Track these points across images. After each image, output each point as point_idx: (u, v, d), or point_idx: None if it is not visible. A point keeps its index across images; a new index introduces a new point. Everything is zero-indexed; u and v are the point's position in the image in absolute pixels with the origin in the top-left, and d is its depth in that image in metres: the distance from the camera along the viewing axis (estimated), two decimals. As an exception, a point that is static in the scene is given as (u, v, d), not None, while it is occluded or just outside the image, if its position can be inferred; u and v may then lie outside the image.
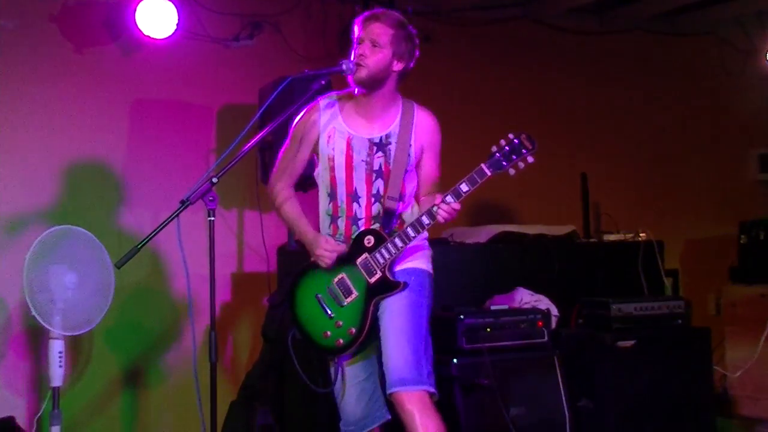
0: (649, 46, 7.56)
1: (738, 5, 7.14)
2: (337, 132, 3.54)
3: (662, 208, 7.23)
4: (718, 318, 6.90)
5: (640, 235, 5.99)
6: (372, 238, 3.42)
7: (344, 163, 3.52)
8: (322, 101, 3.61)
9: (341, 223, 3.54)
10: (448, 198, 3.24)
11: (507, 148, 3.27)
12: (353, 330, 3.42)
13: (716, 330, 5.84)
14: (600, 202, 6.76)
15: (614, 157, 7.22)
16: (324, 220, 3.61)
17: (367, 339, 3.46)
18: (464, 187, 3.26)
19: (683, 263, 7.01)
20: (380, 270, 3.38)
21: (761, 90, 7.77)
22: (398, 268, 3.49)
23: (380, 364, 3.45)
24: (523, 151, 3.26)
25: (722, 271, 7.03)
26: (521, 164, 3.29)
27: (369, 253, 3.40)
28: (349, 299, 3.45)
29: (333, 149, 3.54)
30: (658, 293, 5.73)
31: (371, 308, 3.40)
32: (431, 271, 3.62)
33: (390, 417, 3.57)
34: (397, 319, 3.38)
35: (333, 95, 3.62)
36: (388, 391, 3.35)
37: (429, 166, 3.61)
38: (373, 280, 3.39)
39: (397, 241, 3.36)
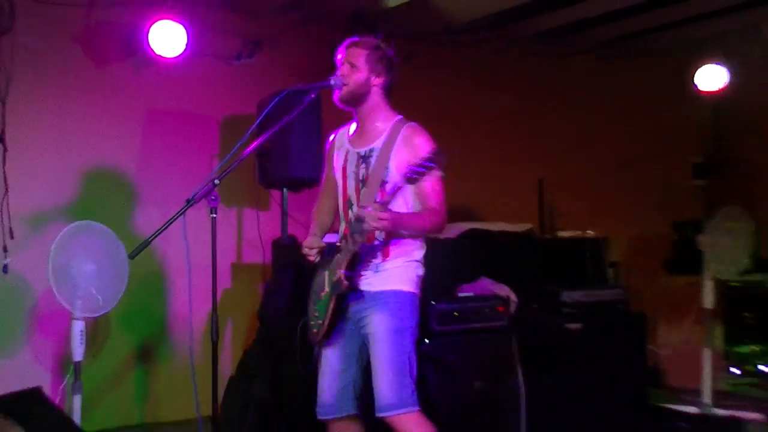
0: (602, 67, 7.64)
1: (676, 33, 7.22)
2: (342, 147, 3.57)
3: (608, 209, 7.30)
4: (653, 304, 6.94)
5: (588, 232, 6.03)
6: (343, 242, 3.39)
7: (342, 174, 3.52)
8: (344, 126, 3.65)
9: (341, 226, 3.54)
10: (375, 206, 3.16)
11: (417, 161, 3.06)
12: (321, 322, 3.40)
13: (651, 314, 5.94)
14: (555, 204, 6.80)
15: (568, 164, 7.28)
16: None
17: (332, 332, 3.41)
18: (379, 198, 3.23)
19: (625, 257, 7.05)
20: (339, 270, 3.33)
21: (695, 107, 7.85)
22: (379, 288, 3.35)
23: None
24: (427, 164, 3.01)
25: (658, 264, 7.11)
26: (428, 178, 3.12)
27: (338, 255, 3.37)
28: (322, 294, 3.43)
29: (336, 162, 3.57)
30: (603, 283, 5.75)
31: (332, 304, 3.35)
32: (413, 290, 3.42)
33: (355, 412, 3.49)
34: (381, 345, 3.31)
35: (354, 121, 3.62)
36: (378, 414, 3.31)
37: (421, 184, 3.29)
38: (335, 279, 3.35)
39: (350, 245, 3.29)
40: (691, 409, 5.51)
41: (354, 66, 3.40)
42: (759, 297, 6.83)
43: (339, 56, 3.48)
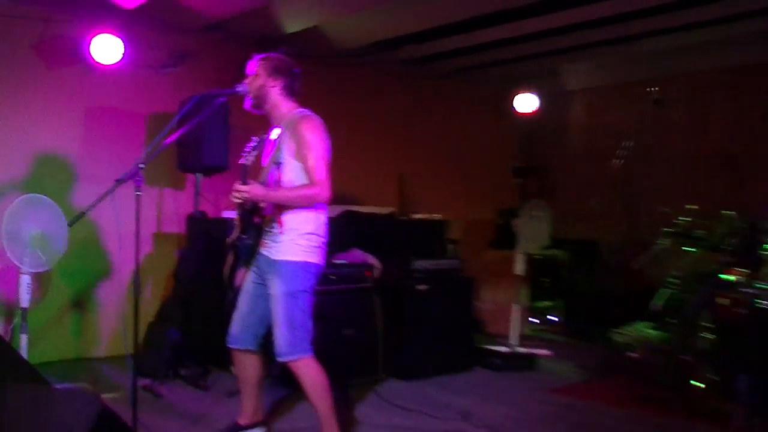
0: (451, 90, 7.65)
1: (503, 69, 7.39)
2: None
3: (450, 198, 7.33)
4: (479, 271, 7.08)
5: (435, 215, 6.10)
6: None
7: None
8: None
9: None
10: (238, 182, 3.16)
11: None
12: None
13: (477, 279, 5.98)
14: (411, 192, 6.85)
15: (422, 163, 7.28)
16: None
17: (232, 279, 3.37)
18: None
19: (461, 235, 7.15)
20: (236, 232, 3.33)
21: (515, 125, 8.05)
22: (276, 258, 3.23)
23: None
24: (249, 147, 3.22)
25: (484, 241, 7.30)
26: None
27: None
28: None
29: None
30: (444, 254, 5.85)
31: (230, 257, 3.35)
32: (305, 259, 3.24)
33: (254, 348, 3.41)
34: (277, 305, 3.21)
35: None
36: (277, 359, 3.24)
37: (303, 161, 3.19)
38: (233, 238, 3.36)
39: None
40: (503, 349, 5.63)
41: (256, 75, 3.30)
42: (553, 266, 7.09)
43: (248, 70, 3.36)
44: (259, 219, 3.28)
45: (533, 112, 7.61)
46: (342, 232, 5.36)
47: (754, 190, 6.34)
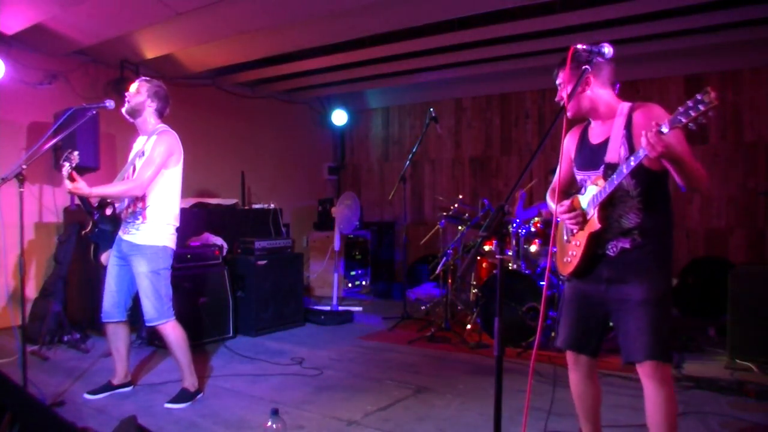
0: (277, 106, 7.75)
1: (318, 91, 7.62)
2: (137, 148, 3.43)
3: (282, 191, 7.49)
4: (307, 248, 7.32)
5: (271, 204, 6.21)
6: None
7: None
8: None
9: None
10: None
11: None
12: None
13: (305, 254, 6.20)
14: (251, 186, 6.89)
15: (259, 163, 7.35)
16: None
17: (97, 259, 3.31)
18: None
19: (292, 220, 7.33)
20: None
21: (331, 133, 8.31)
22: (140, 242, 3.21)
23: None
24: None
25: (309, 224, 7.52)
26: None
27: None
28: None
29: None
30: (279, 236, 5.91)
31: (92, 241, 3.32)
32: (164, 243, 3.26)
33: (124, 319, 3.38)
34: (142, 281, 3.20)
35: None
36: (147, 324, 3.26)
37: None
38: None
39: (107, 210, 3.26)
40: (326, 308, 5.84)
41: (138, 92, 3.30)
42: (362, 243, 7.47)
43: (135, 85, 3.33)
44: (110, 210, 3.26)
45: (344, 124, 8.07)
46: (195, 220, 5.40)
47: (496, 184, 7.27)
